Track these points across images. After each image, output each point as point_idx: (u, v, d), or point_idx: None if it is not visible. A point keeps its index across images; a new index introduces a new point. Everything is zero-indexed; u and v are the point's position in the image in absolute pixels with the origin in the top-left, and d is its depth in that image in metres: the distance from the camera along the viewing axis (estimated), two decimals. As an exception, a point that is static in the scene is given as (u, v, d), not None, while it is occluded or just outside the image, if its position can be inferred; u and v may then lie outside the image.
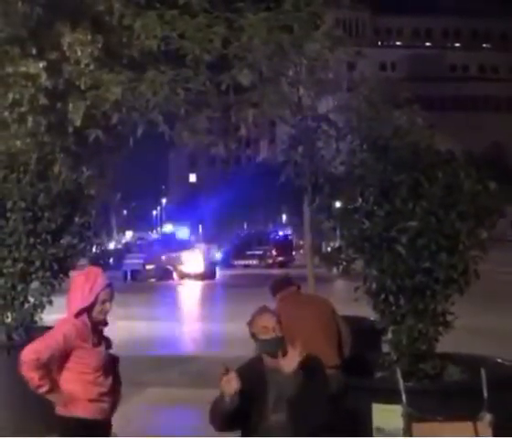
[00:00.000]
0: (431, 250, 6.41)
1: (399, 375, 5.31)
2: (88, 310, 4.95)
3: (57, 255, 8.68)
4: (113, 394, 5.10)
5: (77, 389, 4.87)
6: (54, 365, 4.85)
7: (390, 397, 5.89)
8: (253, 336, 4.99)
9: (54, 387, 4.83)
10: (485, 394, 5.06)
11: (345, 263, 6.99)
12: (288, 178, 9.38)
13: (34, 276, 8.75)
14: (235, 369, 4.98)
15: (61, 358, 4.85)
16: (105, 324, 5.10)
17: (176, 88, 9.10)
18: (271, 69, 9.32)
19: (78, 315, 4.91)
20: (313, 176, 8.62)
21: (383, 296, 6.73)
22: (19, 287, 8.75)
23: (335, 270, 7.44)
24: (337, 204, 7.26)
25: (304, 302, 7.16)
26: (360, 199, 6.75)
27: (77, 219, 8.85)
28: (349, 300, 6.83)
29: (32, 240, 8.60)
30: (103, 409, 5.00)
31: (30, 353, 4.73)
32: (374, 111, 9.09)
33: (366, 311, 7.38)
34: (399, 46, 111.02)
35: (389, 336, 6.76)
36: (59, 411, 4.91)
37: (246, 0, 9.44)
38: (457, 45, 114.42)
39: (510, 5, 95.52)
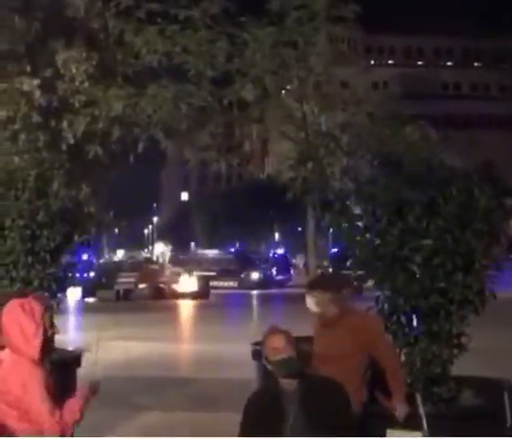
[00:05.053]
0: (446, 269, 6.22)
1: (419, 400, 5.10)
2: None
3: (56, 275, 8.44)
4: None
5: None
6: None
7: (404, 422, 5.69)
8: (266, 358, 4.77)
9: None
10: (510, 420, 4.84)
11: (355, 283, 6.79)
12: (281, 196, 9.22)
13: (32, 296, 8.49)
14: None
15: None
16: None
17: (179, 103, 8.94)
18: (275, 83, 9.18)
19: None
20: (322, 193, 8.46)
21: (395, 317, 6.54)
22: (17, 308, 8.49)
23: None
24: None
25: None
26: (372, 217, 6.56)
27: (76, 238, 8.61)
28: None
29: (30, 259, 8.35)
30: None
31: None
32: (380, 127, 8.94)
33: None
34: (391, 64, 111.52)
35: (402, 358, 6.55)
36: None
37: (248, 15, 9.32)
38: (449, 63, 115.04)
39: (500, 25, 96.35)
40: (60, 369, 5.49)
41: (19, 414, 4.27)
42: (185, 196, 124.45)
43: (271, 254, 59.46)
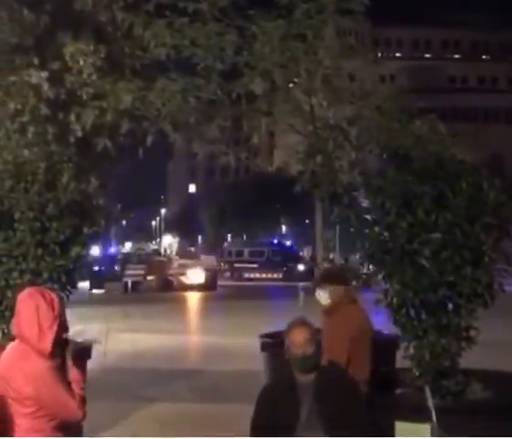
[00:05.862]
0: (455, 263, 6.23)
1: (428, 393, 5.11)
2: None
3: (65, 267, 8.46)
4: None
5: None
6: None
7: (412, 415, 5.70)
8: (287, 348, 4.78)
9: None
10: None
11: (364, 276, 6.81)
12: (288, 188, 9.24)
13: (41, 288, 8.52)
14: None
15: None
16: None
17: (188, 96, 8.95)
18: (283, 77, 9.17)
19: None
20: (331, 186, 8.46)
21: (404, 311, 6.55)
22: (26, 300, 8.52)
23: (354, 282, 7.24)
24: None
25: None
26: (380, 211, 6.56)
27: (85, 230, 8.64)
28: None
29: (40, 251, 8.37)
30: None
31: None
32: (388, 120, 8.93)
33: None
34: (398, 57, 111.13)
35: (411, 351, 6.57)
36: None
37: (257, 8, 9.31)
38: (457, 56, 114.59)
39: (508, 18, 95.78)
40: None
41: (32, 412, 4.13)
42: (192, 188, 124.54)
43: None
